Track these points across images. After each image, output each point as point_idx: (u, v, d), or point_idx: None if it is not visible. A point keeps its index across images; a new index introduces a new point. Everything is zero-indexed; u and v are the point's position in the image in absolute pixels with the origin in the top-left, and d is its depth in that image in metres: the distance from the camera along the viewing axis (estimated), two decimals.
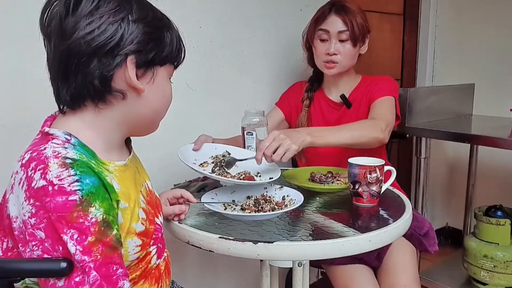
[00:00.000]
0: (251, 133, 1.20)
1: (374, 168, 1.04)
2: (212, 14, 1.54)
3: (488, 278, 1.83)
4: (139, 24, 0.72)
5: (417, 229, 1.39)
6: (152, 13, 0.76)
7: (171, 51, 0.78)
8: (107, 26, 0.69)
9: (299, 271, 1.04)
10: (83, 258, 0.62)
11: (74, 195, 0.62)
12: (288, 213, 1.02)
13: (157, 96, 0.78)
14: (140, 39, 0.72)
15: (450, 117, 2.16)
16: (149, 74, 0.76)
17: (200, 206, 1.04)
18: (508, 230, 1.82)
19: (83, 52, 0.69)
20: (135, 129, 0.81)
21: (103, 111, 0.74)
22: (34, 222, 0.62)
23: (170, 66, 0.80)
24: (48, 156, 0.64)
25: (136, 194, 0.78)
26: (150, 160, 1.34)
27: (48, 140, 0.69)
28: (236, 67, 1.63)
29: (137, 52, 0.72)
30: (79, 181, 0.63)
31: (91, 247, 0.63)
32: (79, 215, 0.62)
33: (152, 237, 0.80)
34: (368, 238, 0.88)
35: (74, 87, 0.72)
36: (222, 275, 1.74)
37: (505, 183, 2.33)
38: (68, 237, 0.61)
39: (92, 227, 0.63)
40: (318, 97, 1.56)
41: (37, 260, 0.65)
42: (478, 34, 2.34)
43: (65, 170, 0.63)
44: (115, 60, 0.71)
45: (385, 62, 2.31)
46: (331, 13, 1.42)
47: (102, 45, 0.69)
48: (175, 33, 0.80)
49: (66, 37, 0.69)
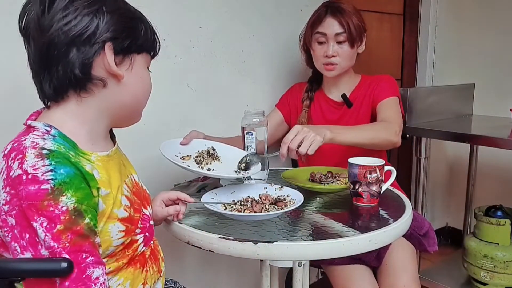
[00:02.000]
0: (251, 133, 1.20)
1: (374, 168, 1.04)
2: (212, 14, 1.54)
3: (488, 278, 1.83)
4: (113, 14, 0.76)
5: (417, 229, 1.39)
6: (125, 6, 0.80)
7: (146, 40, 0.82)
8: (82, 17, 0.73)
9: (299, 271, 1.04)
10: (53, 244, 0.65)
11: (46, 184, 0.65)
12: (288, 213, 1.02)
13: (137, 83, 0.82)
14: (115, 28, 0.76)
15: (450, 117, 2.16)
16: (127, 61, 0.79)
17: (200, 206, 1.04)
18: (508, 230, 1.82)
19: (62, 42, 0.73)
20: (118, 118, 0.84)
21: (85, 100, 0.77)
22: (7, 209, 0.65)
23: (147, 55, 0.84)
24: (27, 147, 0.68)
25: (119, 183, 0.81)
26: (150, 160, 1.34)
27: (29, 132, 0.72)
28: (236, 67, 1.63)
29: (113, 39, 0.76)
30: (53, 171, 0.66)
31: (60, 235, 0.65)
32: (49, 203, 0.65)
33: (138, 225, 0.83)
34: (368, 238, 0.88)
35: (56, 78, 0.75)
36: (222, 275, 1.74)
37: (505, 183, 2.33)
38: (38, 224, 0.64)
39: (62, 215, 0.65)
40: (318, 97, 1.56)
41: (38, 260, 0.66)
42: (478, 34, 2.34)
43: (41, 160, 0.66)
44: (93, 48, 0.74)
45: (385, 62, 2.31)
46: (327, 16, 1.42)
47: (79, 34, 0.73)
48: (149, 25, 0.84)
49: (45, 31, 0.73)
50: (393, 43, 2.35)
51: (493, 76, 2.31)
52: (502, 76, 2.27)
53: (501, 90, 2.28)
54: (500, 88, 2.28)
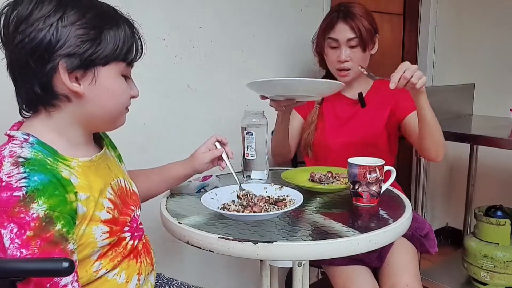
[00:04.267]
0: (251, 133, 1.20)
1: (374, 168, 1.04)
2: (212, 14, 1.54)
3: (488, 278, 1.83)
4: (71, 27, 0.73)
5: (418, 230, 1.39)
6: (92, 13, 0.76)
7: (113, 50, 0.77)
8: (36, 34, 0.71)
9: (299, 271, 1.04)
10: (20, 251, 0.65)
11: (18, 191, 0.66)
12: (288, 213, 1.02)
13: (103, 95, 0.79)
14: (71, 43, 0.73)
15: (450, 117, 2.16)
16: (90, 75, 0.76)
17: (200, 206, 1.04)
18: (508, 230, 1.82)
19: (19, 60, 0.73)
20: (94, 127, 0.85)
21: (54, 114, 0.77)
22: None
23: (118, 63, 0.79)
24: (4, 156, 0.70)
25: (101, 186, 0.81)
26: (150, 159, 1.34)
27: (9, 142, 0.74)
28: (236, 67, 1.63)
29: (67, 56, 0.73)
30: (26, 178, 0.67)
31: (29, 241, 0.65)
32: (20, 210, 0.65)
33: (124, 226, 0.85)
34: (368, 238, 0.88)
35: (22, 93, 0.77)
36: (222, 275, 1.74)
37: (505, 183, 2.33)
38: (7, 231, 0.65)
39: (32, 222, 0.66)
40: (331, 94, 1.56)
41: (39, 260, 0.67)
42: (478, 34, 2.35)
43: (16, 168, 0.68)
44: (47, 66, 0.73)
45: (385, 62, 2.30)
46: (339, 21, 1.42)
47: (31, 53, 0.72)
48: (123, 30, 0.79)
49: (7, 47, 0.75)
50: (393, 43, 2.35)
51: (493, 76, 2.31)
52: (502, 76, 2.28)
53: (501, 90, 2.28)
54: (500, 88, 2.28)
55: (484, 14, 2.31)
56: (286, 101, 1.23)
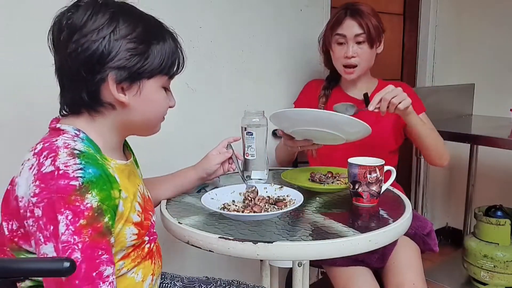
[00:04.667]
0: (251, 133, 1.20)
1: (374, 168, 1.04)
2: (212, 14, 1.54)
3: (488, 278, 1.83)
4: (122, 41, 0.77)
5: (420, 228, 1.39)
6: (142, 27, 0.79)
7: (159, 64, 0.81)
8: (89, 45, 0.75)
9: (299, 271, 1.04)
10: (73, 237, 0.67)
11: (75, 180, 0.68)
12: (288, 213, 1.02)
13: (146, 106, 0.83)
14: (121, 56, 0.77)
15: (450, 117, 2.16)
16: (135, 87, 0.80)
17: (200, 206, 1.04)
18: (508, 230, 1.82)
19: (70, 68, 0.76)
20: (131, 133, 0.88)
21: (96, 118, 0.81)
22: (36, 200, 0.68)
23: (162, 77, 0.84)
24: (59, 146, 0.73)
25: (134, 190, 0.85)
26: (149, 159, 1.34)
27: (59, 134, 0.77)
28: (236, 67, 1.63)
29: (117, 69, 0.77)
30: (82, 170, 0.70)
31: (81, 229, 0.68)
32: (76, 198, 0.68)
33: (147, 230, 0.87)
34: (368, 238, 0.88)
35: (69, 97, 0.80)
36: (222, 275, 1.74)
37: (505, 183, 2.33)
38: (63, 217, 0.67)
39: (86, 211, 0.68)
40: (335, 94, 1.57)
41: (41, 260, 0.68)
42: (478, 34, 2.35)
43: (72, 159, 0.71)
44: (97, 76, 0.76)
45: (385, 62, 2.30)
46: (347, 17, 1.44)
47: (83, 63, 0.75)
48: (169, 44, 0.83)
49: (58, 55, 0.78)
50: (393, 43, 2.35)
51: (493, 76, 2.31)
52: (502, 76, 2.28)
53: (501, 90, 2.28)
54: (500, 88, 2.28)
55: (484, 14, 2.31)
56: (303, 141, 1.23)
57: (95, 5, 0.76)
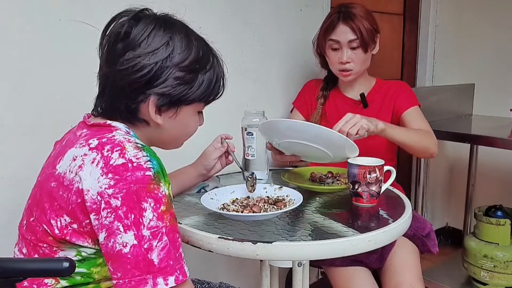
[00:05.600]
0: (251, 133, 1.21)
1: (373, 168, 1.04)
2: (212, 14, 1.54)
3: (488, 278, 1.83)
4: (173, 69, 0.79)
5: (419, 230, 1.39)
6: (194, 55, 0.81)
7: (201, 93, 0.84)
8: (140, 67, 0.76)
9: (299, 271, 1.04)
10: (158, 223, 0.70)
11: (149, 171, 0.71)
12: (287, 213, 1.02)
13: (178, 129, 0.87)
14: (168, 83, 0.79)
15: (450, 117, 2.16)
16: (172, 111, 0.83)
17: (200, 206, 1.04)
18: (508, 230, 1.82)
19: (116, 82, 0.78)
20: (155, 145, 0.90)
21: (129, 126, 0.83)
22: (112, 192, 0.69)
23: (200, 104, 0.87)
24: (122, 141, 0.74)
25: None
26: None
27: (111, 131, 0.78)
28: (236, 67, 1.63)
29: (161, 95, 0.79)
30: (150, 161, 0.73)
31: (163, 215, 0.71)
32: (154, 187, 0.71)
33: None
34: (368, 238, 0.89)
35: (107, 105, 0.82)
36: (222, 275, 1.74)
37: (505, 183, 2.33)
38: (148, 204, 0.70)
39: (163, 198, 0.72)
40: (333, 95, 1.57)
41: (41, 260, 0.68)
42: (478, 34, 2.34)
43: (140, 152, 0.73)
44: (140, 96, 0.79)
45: (385, 62, 2.31)
46: (339, 22, 1.43)
47: (131, 82, 0.77)
48: (214, 73, 0.86)
49: (107, 65, 0.79)
50: (393, 43, 2.35)
51: (493, 76, 2.31)
52: (502, 76, 2.28)
53: (501, 90, 2.28)
54: (500, 88, 2.28)
55: (484, 14, 2.31)
56: (291, 156, 1.24)
57: (156, 22, 0.79)
